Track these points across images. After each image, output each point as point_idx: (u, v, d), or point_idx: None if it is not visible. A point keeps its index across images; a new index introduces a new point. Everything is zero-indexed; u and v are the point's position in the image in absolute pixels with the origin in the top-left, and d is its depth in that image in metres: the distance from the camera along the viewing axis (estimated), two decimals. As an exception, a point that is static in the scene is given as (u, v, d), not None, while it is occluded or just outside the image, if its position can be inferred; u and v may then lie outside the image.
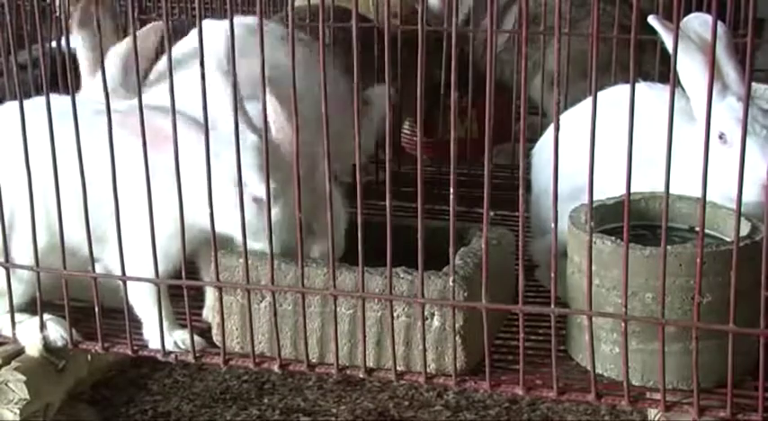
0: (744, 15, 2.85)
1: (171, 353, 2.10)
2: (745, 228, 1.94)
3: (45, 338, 2.16)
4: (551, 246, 1.79)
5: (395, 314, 1.95)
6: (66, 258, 2.06)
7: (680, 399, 1.87)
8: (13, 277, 2.15)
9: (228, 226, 1.97)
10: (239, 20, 1.92)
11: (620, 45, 2.87)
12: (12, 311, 2.16)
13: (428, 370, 1.96)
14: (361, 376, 2.02)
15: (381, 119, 1.97)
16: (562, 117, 2.21)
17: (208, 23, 2.01)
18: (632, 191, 1.77)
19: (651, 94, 2.16)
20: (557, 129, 1.73)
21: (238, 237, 1.95)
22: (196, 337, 2.09)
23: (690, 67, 2.06)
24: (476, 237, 2.14)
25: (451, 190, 1.79)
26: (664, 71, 2.92)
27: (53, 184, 2.01)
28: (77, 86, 2.49)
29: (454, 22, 2.21)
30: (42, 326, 2.15)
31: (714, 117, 1.95)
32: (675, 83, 1.72)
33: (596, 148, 1.73)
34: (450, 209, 1.82)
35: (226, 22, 1.84)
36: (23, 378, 2.16)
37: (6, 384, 2.17)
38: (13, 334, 2.18)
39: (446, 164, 1.78)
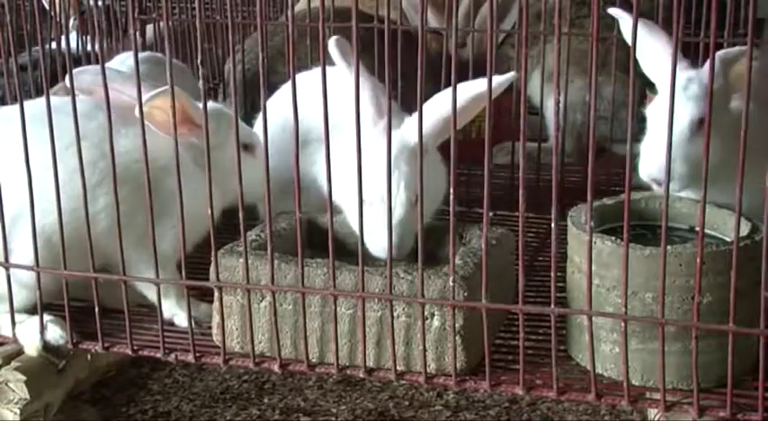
0: (744, 15, 2.85)
1: (171, 352, 2.10)
2: (745, 228, 1.94)
3: (44, 339, 2.15)
4: (551, 245, 1.79)
5: (395, 314, 1.95)
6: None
7: (680, 399, 1.87)
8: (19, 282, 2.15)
9: None
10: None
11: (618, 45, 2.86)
12: (12, 311, 2.16)
13: (428, 370, 1.96)
14: (361, 376, 2.02)
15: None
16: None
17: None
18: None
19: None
20: (557, 129, 1.73)
21: None
22: (203, 307, 2.17)
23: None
24: (476, 237, 2.14)
25: (452, 190, 1.79)
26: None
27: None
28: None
29: (454, 23, 2.22)
30: (42, 327, 2.15)
31: None
32: (674, 85, 1.71)
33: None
34: (451, 208, 1.82)
35: None
36: (23, 378, 2.16)
37: (6, 384, 2.17)
38: (13, 333, 2.17)
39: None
